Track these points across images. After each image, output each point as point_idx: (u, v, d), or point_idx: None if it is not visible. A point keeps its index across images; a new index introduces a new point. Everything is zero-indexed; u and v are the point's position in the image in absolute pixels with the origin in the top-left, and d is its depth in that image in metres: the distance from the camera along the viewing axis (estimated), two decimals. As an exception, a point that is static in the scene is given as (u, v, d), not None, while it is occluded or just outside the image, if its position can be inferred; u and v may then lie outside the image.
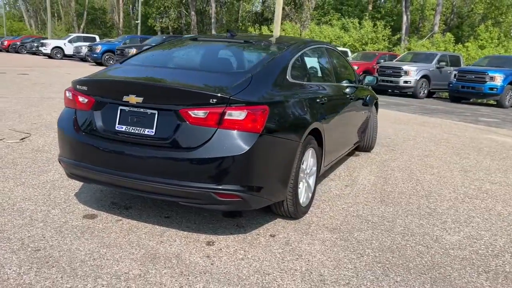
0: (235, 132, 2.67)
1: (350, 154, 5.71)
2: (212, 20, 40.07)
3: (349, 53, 21.65)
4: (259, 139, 2.71)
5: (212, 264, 2.66)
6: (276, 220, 3.39)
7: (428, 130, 8.23)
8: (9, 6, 71.45)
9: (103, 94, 2.96)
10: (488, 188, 4.59)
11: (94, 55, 22.26)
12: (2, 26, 57.66)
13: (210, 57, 3.70)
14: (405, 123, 8.93)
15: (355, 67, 17.03)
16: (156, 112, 2.79)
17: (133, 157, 2.80)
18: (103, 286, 2.36)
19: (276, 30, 14.55)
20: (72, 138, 3.04)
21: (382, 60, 18.38)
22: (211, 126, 2.67)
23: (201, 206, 2.90)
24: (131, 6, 60.00)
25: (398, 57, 18.32)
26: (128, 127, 2.86)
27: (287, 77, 3.26)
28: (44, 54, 28.01)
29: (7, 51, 35.46)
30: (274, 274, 2.58)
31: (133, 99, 2.79)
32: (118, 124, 2.90)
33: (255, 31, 31.19)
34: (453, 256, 2.95)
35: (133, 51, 16.92)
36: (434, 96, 17.81)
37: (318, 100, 3.59)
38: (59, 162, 3.24)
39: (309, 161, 3.48)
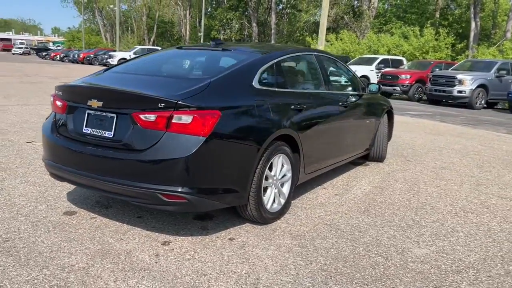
0: (181, 135, 2.78)
1: (357, 163, 5.59)
2: (272, 31, 40.54)
3: (404, 62, 20.95)
4: (206, 143, 2.79)
5: (156, 262, 2.77)
6: (243, 225, 3.43)
7: (463, 141, 7.80)
8: (88, 22, 76.87)
9: (73, 99, 3.20)
10: (492, 203, 4.31)
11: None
12: (81, 40, 62.23)
13: (180, 64, 3.85)
14: (440, 134, 8.52)
15: (406, 76, 16.55)
16: (115, 115, 2.96)
17: (95, 157, 2.99)
18: (45, 275, 2.54)
19: (321, 40, 14.49)
20: (49, 140, 3.31)
21: (437, 69, 17.61)
22: (160, 129, 2.79)
23: (150, 207, 3.03)
24: (197, 19, 62.35)
25: (455, 66, 17.45)
26: (93, 129, 3.06)
27: (253, 83, 3.32)
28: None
29: (82, 63, 38.24)
30: (211, 276, 2.64)
31: (94, 103, 2.99)
32: (85, 126, 3.11)
33: (312, 40, 31.12)
34: (409, 269, 2.84)
35: None
36: (495, 107, 16.75)
37: (292, 106, 3.60)
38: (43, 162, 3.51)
39: (278, 167, 3.48)
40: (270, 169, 3.41)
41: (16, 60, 39.63)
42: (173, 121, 2.77)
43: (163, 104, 2.77)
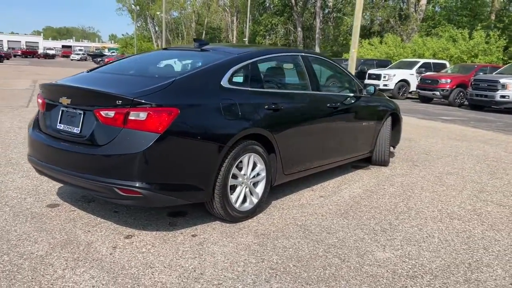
0: (137, 131, 2.87)
1: (358, 166, 5.49)
2: (316, 36, 40.29)
3: (447, 65, 20.17)
4: (161, 139, 2.87)
5: (111, 254, 2.88)
6: (213, 223, 3.48)
7: (486, 147, 7.42)
8: (141, 28, 79.77)
9: (49, 96, 3.39)
10: (486, 210, 4.09)
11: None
12: (134, 46, 64.72)
13: (155, 64, 3.95)
14: (465, 140, 8.15)
15: (447, 80, 15.92)
16: (82, 112, 3.11)
17: (65, 152, 3.15)
18: (3, 261, 2.71)
19: (354, 43, 14.26)
20: (31, 136, 3.52)
21: (481, 73, 16.81)
22: (118, 125, 2.91)
23: (111, 200, 3.14)
24: (244, 25, 63.16)
25: (500, 69, 16.56)
26: (65, 125, 3.23)
27: (222, 83, 3.36)
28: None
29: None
30: (156, 268, 2.71)
31: (64, 100, 3.16)
32: (59, 123, 3.29)
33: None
34: (361, 272, 2.78)
35: None
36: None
37: (266, 106, 3.61)
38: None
39: (250, 166, 3.50)
40: (242, 168, 3.43)
41: (72, 65, 41.83)
42: (130, 117, 2.87)
43: (120, 101, 2.88)
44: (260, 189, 3.68)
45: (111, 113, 2.92)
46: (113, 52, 73.96)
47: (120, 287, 2.48)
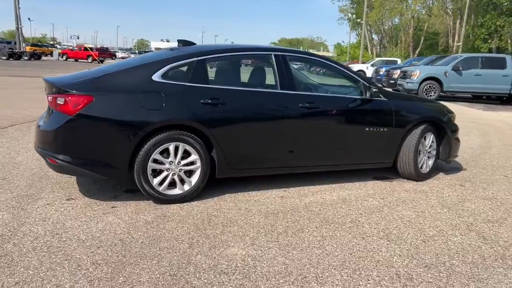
0: (59, 113, 3.62)
1: (381, 177, 5.00)
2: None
3: None
4: (71, 121, 3.54)
5: (43, 206, 3.68)
6: (146, 202, 3.92)
7: None
8: (360, 36, 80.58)
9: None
10: (467, 223, 3.37)
11: (378, 76, 23.34)
12: (349, 54, 66.08)
13: (124, 63, 4.46)
14: None
15: None
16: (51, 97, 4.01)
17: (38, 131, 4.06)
18: (-25, 200, 3.81)
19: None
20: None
21: None
22: (54, 107, 3.70)
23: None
24: (461, 28, 57.33)
25: None
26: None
27: (153, 77, 3.80)
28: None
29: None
30: (33, 221, 3.38)
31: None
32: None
33: None
34: (234, 262, 2.88)
35: (417, 72, 16.77)
36: None
37: (202, 101, 3.86)
38: None
39: (179, 155, 3.81)
40: (164, 155, 3.79)
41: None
42: (57, 102, 3.62)
43: (54, 89, 3.67)
44: (194, 177, 3.94)
45: (50, 98, 3.72)
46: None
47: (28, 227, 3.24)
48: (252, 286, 2.58)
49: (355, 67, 30.80)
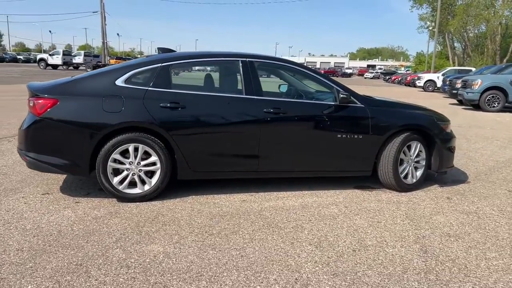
0: (31, 114, 4.00)
1: (362, 187, 4.85)
2: None
3: None
4: (38, 121, 3.91)
5: (22, 197, 4.09)
6: (111, 200, 4.19)
7: None
8: (442, 45, 76.81)
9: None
10: (419, 236, 3.23)
11: (445, 86, 22.11)
12: (428, 63, 63.14)
13: (104, 69, 4.73)
14: None
15: None
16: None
17: None
18: (-33, 191, 4.32)
19: None
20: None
21: None
22: (28, 110, 4.10)
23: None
24: None
25: None
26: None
27: (116, 82, 4.07)
28: (419, 87, 29.87)
29: (408, 85, 38.96)
30: (25, 213, 3.76)
31: (30, 95, 4.55)
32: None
33: None
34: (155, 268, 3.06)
35: (478, 82, 15.84)
36: None
37: (161, 104, 4.05)
38: None
39: (138, 155, 4.02)
40: (124, 155, 4.03)
41: (358, 82, 44.42)
42: (30, 104, 4.02)
43: (30, 93, 4.07)
44: (154, 179, 4.13)
45: (27, 101, 4.12)
46: (408, 70, 74.03)
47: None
48: (142, 280, 2.68)
49: (426, 76, 29.42)
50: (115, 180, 4.05)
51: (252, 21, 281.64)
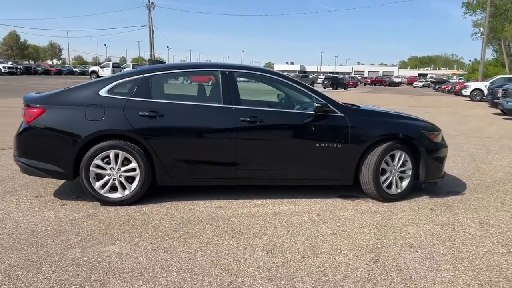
0: (23, 122, 4.35)
1: (346, 196, 4.82)
2: None
3: None
4: (27, 129, 4.25)
5: (17, 200, 4.44)
6: (93, 204, 4.44)
7: None
8: (497, 53, 73.39)
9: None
10: (379, 245, 3.24)
11: (489, 95, 21.14)
12: (478, 71, 60.47)
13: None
14: None
15: None
16: (28, 110, 4.79)
17: None
18: (-28, 192, 4.73)
19: None
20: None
21: None
22: (23, 117, 4.45)
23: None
24: None
25: None
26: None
27: (100, 92, 4.34)
28: (465, 96, 28.71)
29: (457, 94, 37.43)
30: (15, 213, 4.09)
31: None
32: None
33: None
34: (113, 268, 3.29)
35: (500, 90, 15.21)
36: None
37: (140, 113, 4.27)
38: None
39: (119, 162, 4.26)
40: (106, 161, 4.28)
41: (404, 92, 43.45)
42: (22, 113, 4.37)
43: (23, 103, 4.42)
44: (134, 184, 4.34)
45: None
46: (460, 78, 71.21)
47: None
48: (85, 276, 2.86)
49: (472, 85, 28.25)
50: (97, 184, 4.29)
51: (296, 31, 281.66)
